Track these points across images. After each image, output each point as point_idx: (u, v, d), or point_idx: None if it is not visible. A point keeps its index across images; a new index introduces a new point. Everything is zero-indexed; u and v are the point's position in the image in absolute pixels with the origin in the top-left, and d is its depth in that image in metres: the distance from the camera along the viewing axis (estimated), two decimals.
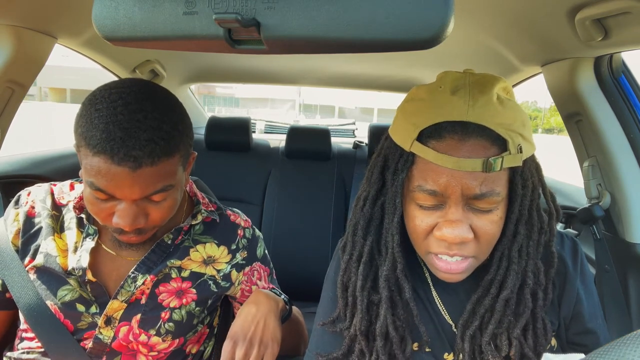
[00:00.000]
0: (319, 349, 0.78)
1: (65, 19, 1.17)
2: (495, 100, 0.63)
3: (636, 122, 1.20)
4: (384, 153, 0.71)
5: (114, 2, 0.53)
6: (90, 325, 0.84)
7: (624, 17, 0.89)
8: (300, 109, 27.80)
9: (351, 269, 0.73)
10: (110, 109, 0.71)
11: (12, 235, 0.86)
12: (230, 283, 0.94)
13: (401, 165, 0.66)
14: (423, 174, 0.64)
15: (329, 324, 0.77)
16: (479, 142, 0.61)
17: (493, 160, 0.60)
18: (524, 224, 0.68)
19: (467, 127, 0.62)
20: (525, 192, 0.66)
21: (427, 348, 0.73)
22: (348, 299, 0.73)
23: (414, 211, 0.66)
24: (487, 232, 0.64)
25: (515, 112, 0.64)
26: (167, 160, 0.74)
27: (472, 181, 0.61)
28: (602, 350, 0.36)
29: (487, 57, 1.51)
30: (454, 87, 0.65)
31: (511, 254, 0.68)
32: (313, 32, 0.48)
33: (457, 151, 0.61)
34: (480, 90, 0.64)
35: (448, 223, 0.63)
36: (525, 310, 0.69)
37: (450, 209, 0.63)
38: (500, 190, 0.63)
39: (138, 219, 0.75)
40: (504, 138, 0.62)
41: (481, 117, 0.61)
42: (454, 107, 0.62)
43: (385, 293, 0.69)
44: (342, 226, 2.08)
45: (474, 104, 0.62)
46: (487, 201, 0.62)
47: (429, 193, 0.63)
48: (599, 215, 1.23)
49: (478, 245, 0.65)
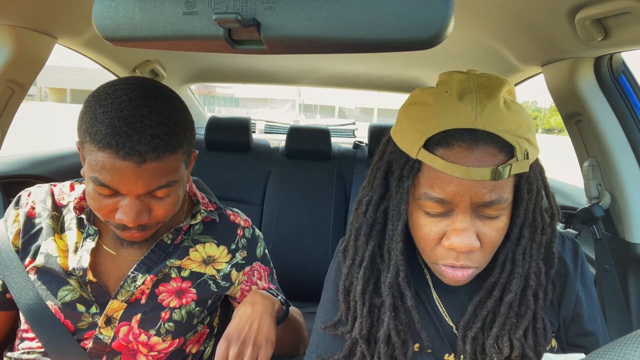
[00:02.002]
0: (319, 350, 0.78)
1: (65, 19, 1.17)
2: (502, 106, 0.63)
3: (636, 122, 1.20)
4: (387, 158, 0.70)
5: (114, 2, 0.53)
6: (91, 326, 0.84)
7: (624, 17, 0.89)
8: (300, 109, 27.81)
9: (353, 274, 0.73)
10: (115, 104, 0.71)
11: (13, 235, 0.86)
12: (230, 283, 0.94)
13: (407, 172, 0.66)
14: (430, 182, 0.63)
15: (330, 327, 0.77)
16: (487, 149, 0.61)
17: (502, 168, 0.60)
18: (528, 227, 0.68)
19: (475, 135, 0.61)
20: (530, 196, 0.66)
21: (428, 349, 0.73)
22: (350, 303, 0.73)
23: (421, 219, 0.66)
24: (491, 239, 0.64)
25: (520, 117, 0.63)
26: (171, 156, 0.74)
27: (481, 189, 0.60)
28: (602, 350, 0.36)
29: (487, 57, 1.51)
30: (460, 92, 0.64)
31: (515, 257, 0.68)
32: (313, 32, 0.48)
33: (465, 159, 0.60)
34: (487, 95, 0.63)
35: (456, 232, 0.62)
36: (527, 312, 0.69)
37: (458, 216, 0.63)
38: (508, 197, 0.63)
39: (142, 214, 0.76)
40: (511, 144, 0.61)
41: (489, 124, 0.61)
42: (461, 114, 0.61)
43: (388, 300, 0.69)
44: (342, 226, 2.08)
45: (481, 111, 0.61)
46: (495, 208, 0.62)
47: (437, 201, 0.63)
48: (599, 215, 1.23)
49: (482, 254, 0.65)
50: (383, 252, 0.71)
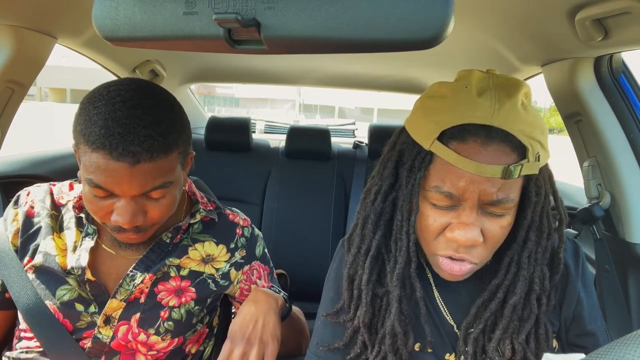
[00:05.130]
0: (320, 349, 0.78)
1: (65, 19, 1.17)
2: (519, 106, 0.63)
3: (636, 122, 1.20)
4: (399, 148, 0.71)
5: (114, 2, 0.53)
6: (89, 325, 0.84)
7: (624, 17, 0.89)
8: (300, 109, 27.79)
9: (358, 262, 0.73)
10: (109, 106, 0.71)
11: (12, 235, 0.86)
12: (229, 282, 0.94)
13: (418, 163, 0.66)
14: (441, 175, 0.63)
15: (332, 314, 0.77)
16: (501, 147, 0.61)
17: (513, 167, 0.60)
18: (535, 230, 0.68)
19: (491, 132, 0.61)
20: (538, 199, 0.66)
21: (429, 348, 0.73)
22: (353, 292, 0.73)
23: (427, 210, 0.66)
24: (495, 236, 0.64)
25: (535, 119, 0.64)
26: (166, 157, 0.74)
27: (490, 187, 0.61)
28: (603, 350, 0.36)
29: (487, 57, 1.51)
30: (480, 89, 0.64)
31: (521, 259, 0.68)
32: (313, 32, 0.48)
33: (479, 155, 0.61)
34: (506, 94, 0.63)
35: (461, 225, 0.63)
36: (531, 316, 0.69)
37: (464, 211, 0.63)
38: (515, 197, 0.64)
39: (137, 216, 0.75)
40: (524, 145, 0.62)
41: (505, 123, 0.61)
42: (479, 110, 0.62)
43: (396, 291, 0.69)
44: (342, 226, 2.08)
45: (499, 108, 0.61)
46: (501, 207, 0.63)
47: (446, 195, 0.63)
48: (599, 215, 1.23)
49: (484, 249, 0.65)
50: (389, 242, 0.71)
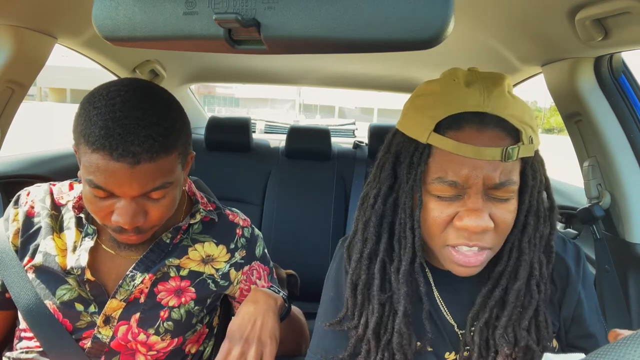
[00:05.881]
0: (320, 348, 0.78)
1: (65, 19, 1.17)
2: (507, 94, 0.66)
3: (636, 122, 1.20)
4: (394, 149, 0.71)
5: (114, 2, 0.53)
6: (89, 325, 0.84)
7: (624, 17, 0.89)
8: (300, 109, 27.79)
9: (361, 267, 0.72)
10: (109, 106, 0.71)
11: (12, 235, 0.86)
12: (229, 282, 0.94)
13: (417, 158, 0.67)
14: (442, 166, 0.64)
15: (335, 324, 0.76)
16: (496, 132, 0.63)
17: (511, 149, 0.63)
18: (533, 214, 0.69)
19: (484, 118, 0.63)
20: (535, 183, 0.68)
21: (428, 347, 0.73)
22: (357, 298, 0.73)
23: (431, 203, 0.67)
24: (505, 220, 0.66)
25: (524, 105, 0.67)
26: (166, 157, 0.74)
27: (492, 171, 0.63)
28: (603, 350, 0.36)
29: (487, 57, 1.51)
30: (467, 81, 0.66)
31: (522, 244, 0.69)
32: (313, 32, 0.48)
33: (476, 140, 0.63)
34: (493, 83, 0.66)
35: (470, 212, 0.63)
36: (532, 302, 0.70)
37: (470, 198, 0.64)
38: (516, 180, 0.65)
39: (137, 216, 0.75)
40: (517, 129, 0.64)
41: (497, 109, 0.64)
42: (470, 98, 0.64)
43: (403, 288, 0.69)
44: (342, 226, 2.08)
45: (489, 95, 0.64)
46: (505, 190, 0.64)
47: (449, 184, 0.64)
48: (599, 215, 1.24)
49: (496, 235, 0.66)
50: (394, 243, 0.71)
